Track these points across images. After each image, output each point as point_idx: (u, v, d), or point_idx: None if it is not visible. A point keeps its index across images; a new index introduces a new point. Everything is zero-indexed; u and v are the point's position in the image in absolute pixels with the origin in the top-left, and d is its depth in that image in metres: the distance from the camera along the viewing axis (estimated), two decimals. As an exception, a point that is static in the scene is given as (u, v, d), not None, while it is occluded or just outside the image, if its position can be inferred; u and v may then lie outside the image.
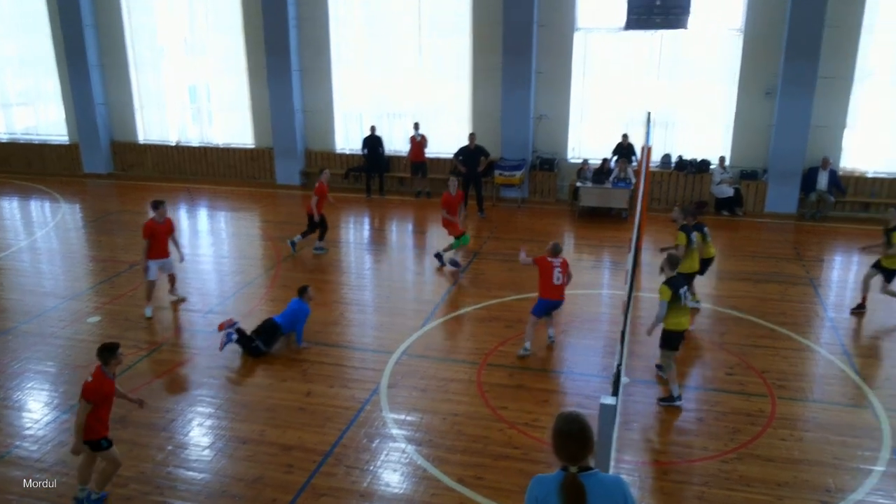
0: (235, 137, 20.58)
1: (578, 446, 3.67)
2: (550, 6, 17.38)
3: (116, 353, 6.64)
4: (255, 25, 19.07)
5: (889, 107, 16.49)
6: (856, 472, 7.38)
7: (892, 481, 7.22)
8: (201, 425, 8.24)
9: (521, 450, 7.73)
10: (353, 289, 12.59)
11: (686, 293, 8.44)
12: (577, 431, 3.67)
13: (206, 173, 20.80)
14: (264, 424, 8.23)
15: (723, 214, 16.99)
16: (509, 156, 18.09)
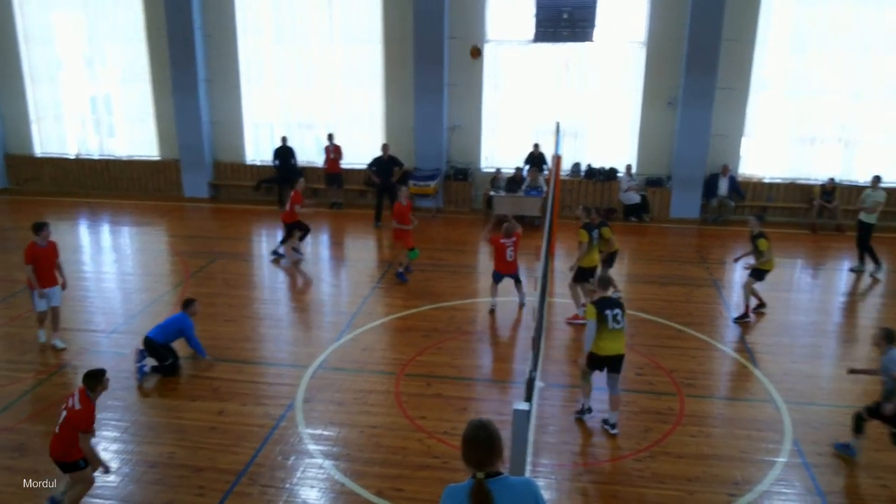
0: (139, 149, 19.87)
1: (485, 453, 3.67)
2: (460, 19, 17.57)
3: (104, 379, 6.68)
4: (159, 35, 18.50)
5: (782, 116, 17.40)
6: (761, 464, 7.69)
7: (795, 471, 7.56)
8: (106, 450, 7.84)
9: (440, 459, 7.70)
10: (266, 303, 12.32)
11: (616, 315, 7.98)
12: (483, 438, 3.67)
13: (108, 187, 19.99)
14: (174, 446, 7.93)
15: (631, 220, 17.52)
16: (423, 166, 18.15)
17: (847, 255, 14.84)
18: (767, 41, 16.95)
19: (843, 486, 7.32)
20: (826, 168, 17.51)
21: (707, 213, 17.62)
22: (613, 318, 7.94)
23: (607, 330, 7.92)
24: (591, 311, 7.95)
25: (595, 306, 7.97)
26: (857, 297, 13.14)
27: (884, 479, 7.45)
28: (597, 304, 8.02)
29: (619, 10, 17.19)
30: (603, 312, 7.93)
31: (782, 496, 7.18)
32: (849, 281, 13.73)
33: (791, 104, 17.29)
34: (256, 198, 18.99)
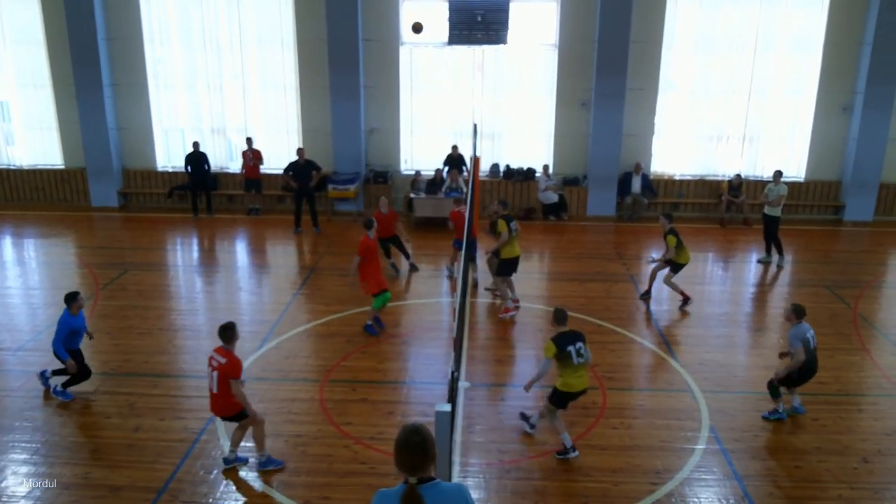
0: (42, 158, 18.95)
1: (418, 458, 3.65)
2: (375, 21, 17.50)
3: (236, 329, 7.43)
4: (60, 39, 17.70)
5: (689, 115, 18.05)
6: (681, 452, 7.93)
7: (713, 457, 7.82)
8: (16, 473, 7.43)
9: (367, 464, 7.62)
10: (183, 314, 11.93)
11: (580, 349, 7.61)
12: (416, 443, 3.65)
13: (9, 198, 18.98)
14: (89, 466, 7.58)
15: (550, 219, 17.83)
16: (342, 169, 17.98)
17: (754, 247, 15.50)
18: (673, 43, 17.55)
19: (758, 470, 7.62)
20: (732, 164, 18.28)
21: (622, 210, 18.10)
22: (577, 353, 7.57)
23: (572, 366, 7.54)
24: (551, 348, 7.56)
25: (555, 343, 7.56)
26: (765, 287, 13.74)
27: (797, 460, 7.79)
28: (556, 340, 7.60)
29: (531, 14, 17.48)
30: (565, 349, 7.55)
31: (702, 482, 7.41)
32: (757, 272, 14.34)
33: (697, 103, 17.96)
34: (169, 205, 18.40)
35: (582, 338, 7.71)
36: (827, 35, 17.25)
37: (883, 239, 16.74)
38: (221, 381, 7.22)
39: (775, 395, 8.53)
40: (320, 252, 15.10)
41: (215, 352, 7.34)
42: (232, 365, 7.22)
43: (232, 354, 7.29)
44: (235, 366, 7.23)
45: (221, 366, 7.21)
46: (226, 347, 7.31)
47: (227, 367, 7.20)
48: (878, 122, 17.27)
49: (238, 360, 7.30)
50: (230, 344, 7.34)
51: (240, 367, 7.27)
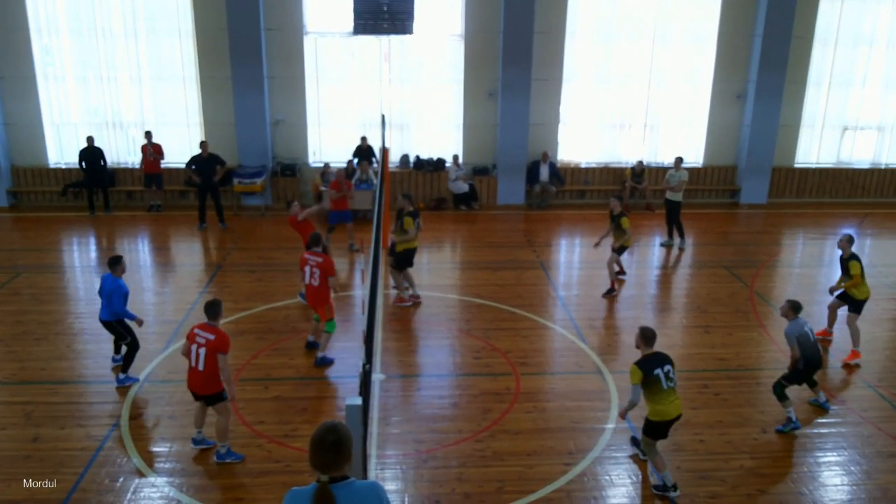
0: (-80, 157, 17.69)
1: (330, 456, 3.59)
2: (277, 11, 17.11)
3: (221, 306, 7.42)
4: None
5: (592, 104, 18.48)
6: (591, 432, 8.13)
7: (622, 436, 8.06)
8: None
9: (282, 463, 7.49)
10: (82, 317, 11.37)
11: (669, 373, 6.97)
12: (330, 442, 3.58)
13: None
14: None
15: (461, 209, 17.94)
16: (248, 163, 17.54)
17: (657, 231, 16.03)
18: (576, 33, 17.91)
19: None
20: (634, 151, 18.84)
21: (531, 198, 18.39)
22: (666, 377, 6.94)
23: (662, 392, 6.92)
24: (637, 373, 6.91)
25: (640, 367, 6.92)
26: (668, 270, 14.23)
27: (701, 434, 8.12)
28: (642, 364, 6.96)
29: (437, 4, 17.48)
30: (652, 373, 6.90)
31: (612, 460, 7.63)
32: (660, 255, 14.85)
33: (600, 93, 18.41)
34: (64, 203, 17.52)
35: (671, 360, 7.09)
36: (721, 26, 17.99)
37: (776, 220, 17.64)
38: (209, 357, 7.17)
39: (783, 399, 8.22)
40: (227, 248, 14.70)
41: (199, 328, 7.29)
42: (221, 340, 7.21)
43: (219, 329, 7.29)
44: (224, 340, 7.23)
45: (210, 342, 7.17)
46: (210, 323, 7.29)
47: (215, 343, 7.18)
48: (769, 109, 18.17)
49: (226, 335, 7.32)
50: (215, 320, 7.33)
51: (228, 342, 7.28)
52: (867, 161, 19.49)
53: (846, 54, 18.54)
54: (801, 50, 18.16)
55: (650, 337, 7.07)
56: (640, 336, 7.14)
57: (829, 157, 19.42)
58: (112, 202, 17.37)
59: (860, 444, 8.01)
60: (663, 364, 6.96)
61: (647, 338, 7.07)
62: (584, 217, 17.45)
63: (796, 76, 18.35)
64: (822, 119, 19.06)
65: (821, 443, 8.05)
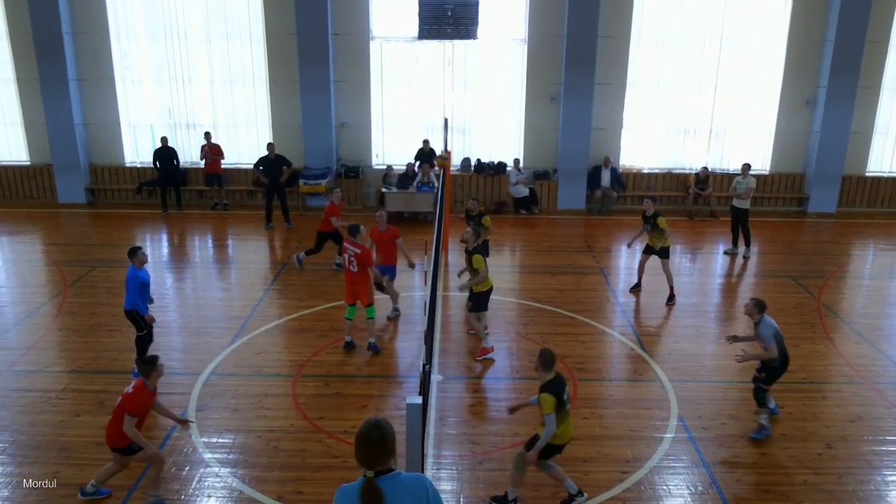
0: (7, 154, 18.62)
1: (376, 452, 3.68)
2: (344, 16, 17.44)
3: (157, 365, 6.80)
4: (23, 33, 17.40)
5: (656, 109, 18.25)
6: (650, 440, 8.06)
7: (682, 445, 7.97)
8: (-20, 475, 7.36)
9: (340, 458, 7.65)
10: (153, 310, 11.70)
11: (568, 395, 6.75)
12: (375, 438, 3.68)
13: (-28, 195, 18.65)
14: (59, 465, 7.51)
15: (521, 213, 17.94)
16: (313, 164, 17.92)
17: (721, 238, 15.75)
18: (641, 38, 17.73)
19: (726, 457, 7.78)
20: (699, 157, 18.53)
21: (592, 203, 18.27)
22: (568, 399, 6.75)
23: (567, 415, 6.71)
24: (550, 401, 6.49)
25: (552, 394, 6.52)
26: (732, 278, 13.97)
27: (763, 447, 7.97)
28: (552, 389, 6.55)
29: (500, 8, 17.54)
30: (562, 398, 6.60)
31: (671, 469, 7.55)
32: (724, 263, 14.58)
33: (664, 98, 18.17)
34: (138, 201, 18.21)
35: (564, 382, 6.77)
36: (790, 30, 17.56)
37: (845, 230, 17.11)
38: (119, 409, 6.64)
39: (763, 403, 8.15)
40: (292, 247, 15.04)
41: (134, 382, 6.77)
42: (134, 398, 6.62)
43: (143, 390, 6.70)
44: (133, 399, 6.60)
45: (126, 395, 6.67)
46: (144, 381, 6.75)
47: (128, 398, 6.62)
48: (840, 116, 17.63)
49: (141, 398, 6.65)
50: (147, 379, 6.74)
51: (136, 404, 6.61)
52: (946, 170, 18.73)
53: (925, 59, 17.87)
54: (875, 55, 17.56)
55: (549, 360, 6.63)
56: (539, 360, 6.65)
57: (904, 166, 18.75)
58: (184, 201, 17.98)
59: (931, 464, 7.75)
60: (564, 387, 6.64)
61: (547, 361, 6.62)
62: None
63: (870, 82, 17.75)
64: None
65: (889, 461, 7.81)
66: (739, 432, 8.24)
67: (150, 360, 6.82)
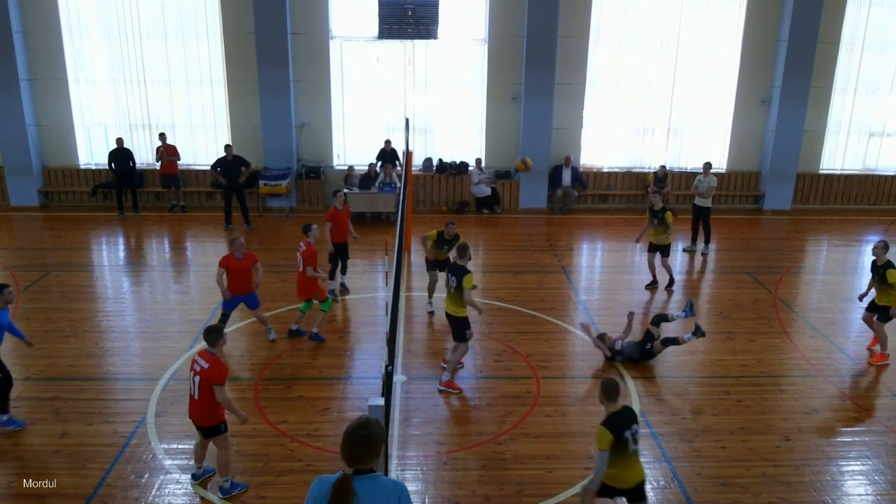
0: (-45, 156, 18.09)
1: (358, 450, 3.67)
2: (303, 15, 17.29)
3: (223, 332, 6.99)
4: (-30, 30, 16.92)
5: (615, 109, 18.44)
6: (612, 436, 8.12)
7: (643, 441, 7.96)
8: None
9: (304, 461, 7.58)
10: (110, 315, 11.58)
11: (636, 433, 5.98)
12: (361, 436, 3.67)
13: (-82, 199, 18.07)
14: (13, 475, 7.31)
15: (483, 213, 17.99)
16: (273, 165, 17.73)
17: (680, 236, 15.95)
18: (599, 37, 17.90)
19: (686, 451, 7.89)
20: (657, 156, 18.78)
21: (553, 202, 18.40)
22: (633, 438, 5.96)
23: (627, 456, 5.94)
24: (606, 436, 5.81)
25: (610, 429, 5.83)
26: (692, 275, 14.17)
27: (722, 440, 8.10)
28: (611, 424, 5.87)
29: (461, 8, 17.56)
30: (622, 436, 5.86)
31: (633, 465, 7.62)
32: (683, 260, 14.78)
33: (623, 97, 18.38)
34: (94, 204, 17.82)
35: (636, 418, 6.08)
36: (745, 31, 17.90)
37: (800, 226, 17.50)
38: (203, 386, 6.73)
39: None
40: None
41: (199, 355, 6.85)
42: (216, 369, 6.72)
43: (216, 358, 6.79)
44: (220, 371, 6.73)
45: (204, 371, 6.71)
46: (210, 351, 6.83)
47: (210, 373, 6.70)
48: (794, 115, 18.02)
49: (224, 365, 6.84)
50: (215, 347, 6.86)
51: (225, 372, 6.80)
52: (894, 167, 19.25)
53: (873, 60, 18.34)
54: (826, 55, 18.00)
55: (612, 390, 5.97)
56: (600, 390, 6.04)
57: (854, 164, 19.22)
58: (140, 203, 17.64)
59: (885, 454, 7.94)
60: (630, 423, 5.92)
61: (610, 392, 5.97)
62: (607, 221, 17.44)
63: (822, 81, 18.19)
64: (847, 125, 18.88)
65: (845, 451, 8.00)
66: (700, 427, 8.36)
67: (219, 329, 7.00)
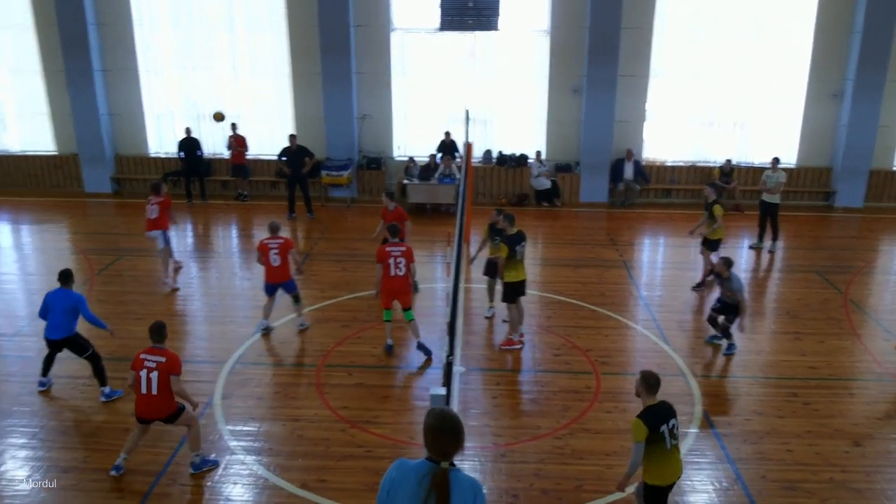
0: (34, 144, 18.86)
1: (452, 443, 3.65)
2: (366, 7, 17.44)
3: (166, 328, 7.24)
4: (48, 25, 17.59)
5: (681, 101, 18.08)
6: (673, 435, 8.02)
7: (705, 441, 7.93)
8: (15, 458, 7.48)
9: (364, 448, 7.69)
10: (179, 299, 11.95)
11: (674, 429, 5.92)
12: (448, 428, 3.64)
13: (2, 183, 18.89)
14: (87, 450, 7.63)
15: (543, 206, 17.89)
16: (335, 156, 17.97)
17: (746, 233, 15.60)
18: (664, 29, 17.56)
19: (750, 453, 7.73)
20: (723, 150, 18.34)
21: (614, 196, 18.16)
22: (671, 433, 5.89)
23: (665, 452, 5.85)
24: (642, 429, 5.78)
25: (645, 422, 5.80)
26: (757, 273, 13.84)
27: (788, 443, 7.90)
28: (647, 417, 5.84)
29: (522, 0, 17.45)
30: (658, 429, 5.82)
31: (695, 465, 7.51)
32: (749, 258, 14.45)
33: (688, 90, 17.98)
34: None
35: (675, 413, 5.99)
36: (817, 21, 17.30)
37: (873, 225, 16.90)
38: (163, 380, 6.94)
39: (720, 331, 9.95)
40: (314, 238, 15.11)
41: (145, 353, 7.06)
42: (172, 361, 7.01)
43: (168, 351, 7.09)
44: (176, 361, 7.04)
45: (161, 364, 6.94)
46: (158, 346, 7.08)
47: (167, 365, 6.95)
48: (867, 109, 17.36)
49: (177, 356, 7.13)
50: (162, 342, 7.12)
51: (180, 362, 7.10)
52: (976, 165, 18.41)
53: (956, 51, 17.54)
54: (904, 47, 17.30)
55: (653, 384, 5.92)
56: (640, 382, 5.95)
57: (934, 160, 18.47)
58: (208, 191, 18.11)
59: (960, 462, 7.65)
60: (668, 418, 5.87)
61: (651, 384, 5.91)
62: (670, 216, 17.14)
63: (899, 75, 17.50)
64: (927, 120, 18.12)
65: (917, 458, 7.72)
66: (765, 428, 8.18)
67: (164, 324, 7.26)
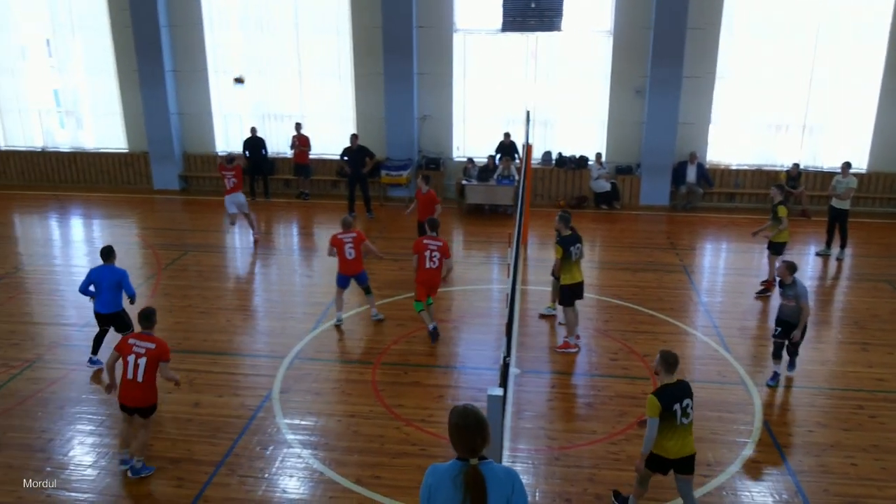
0: (107, 142, 19.60)
1: (477, 438, 3.73)
2: (429, 8, 17.56)
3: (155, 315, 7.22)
4: (123, 26, 18.25)
5: (747, 104, 17.66)
6: (732, 444, 7.86)
7: (766, 451, 7.74)
8: (82, 444, 7.80)
9: (418, 446, 7.76)
10: (241, 294, 12.25)
11: (687, 408, 6.17)
12: (472, 424, 3.73)
13: (76, 180, 19.71)
14: (151, 438, 7.87)
15: (602, 208, 17.70)
16: (395, 156, 18.14)
17: (813, 239, 15.15)
18: (732, 30, 17.17)
19: (812, 466, 7.51)
20: (791, 154, 17.84)
21: (676, 200, 17.86)
22: (683, 412, 6.17)
23: (675, 428, 6.14)
24: (655, 405, 6.08)
25: (659, 399, 6.09)
26: (824, 281, 13.43)
27: (853, 457, 7.66)
28: (661, 395, 6.12)
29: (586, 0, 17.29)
30: (671, 407, 6.11)
31: (754, 476, 7.34)
32: (816, 265, 14.03)
33: (756, 92, 17.55)
34: (227, 189, 18.85)
35: (690, 393, 6.26)
36: (893, 21, 16.65)
37: (950, 233, 16.19)
38: (150, 367, 6.94)
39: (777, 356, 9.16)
40: (373, 237, 15.26)
41: (136, 339, 7.05)
42: (161, 347, 7.03)
43: (157, 337, 7.10)
44: (165, 348, 7.06)
45: (150, 350, 6.95)
46: (147, 332, 7.09)
47: (156, 352, 6.97)
48: (947, 112, 16.67)
49: (165, 343, 7.15)
50: (151, 328, 7.13)
51: (168, 349, 7.12)
52: None
53: None
54: None
55: (672, 363, 6.16)
56: (660, 361, 6.22)
57: None
58: (271, 189, 18.51)
59: None
60: (683, 398, 6.14)
61: (669, 363, 6.16)
62: (733, 221, 16.76)
63: (983, 76, 16.71)
64: None
65: None
66: (828, 441, 7.94)
67: (154, 311, 7.22)
